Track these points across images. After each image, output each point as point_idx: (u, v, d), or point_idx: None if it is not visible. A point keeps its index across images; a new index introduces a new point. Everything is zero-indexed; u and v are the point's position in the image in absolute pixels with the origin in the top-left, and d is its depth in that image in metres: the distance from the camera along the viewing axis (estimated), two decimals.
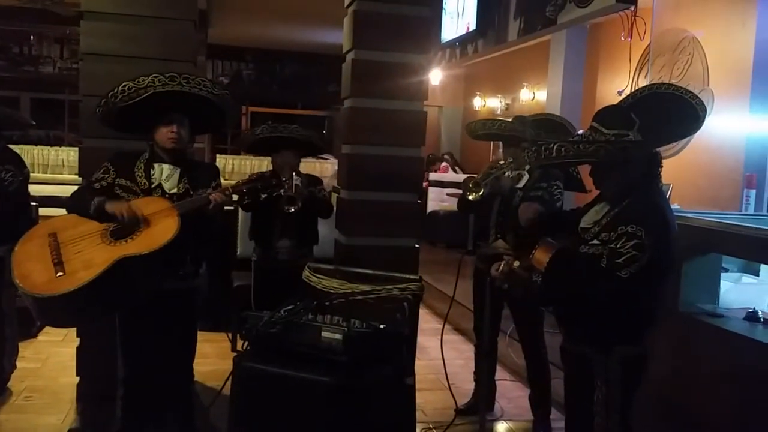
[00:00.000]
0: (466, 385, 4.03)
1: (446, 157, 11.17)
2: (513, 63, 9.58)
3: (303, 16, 9.13)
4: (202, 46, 9.32)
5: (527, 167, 3.53)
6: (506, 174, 3.57)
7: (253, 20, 9.73)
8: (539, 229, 2.58)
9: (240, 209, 4.67)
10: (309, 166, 3.92)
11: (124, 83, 2.80)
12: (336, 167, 9.69)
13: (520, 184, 3.56)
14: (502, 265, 2.51)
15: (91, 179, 2.93)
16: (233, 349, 4.81)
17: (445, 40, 9.05)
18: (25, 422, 3.56)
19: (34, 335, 4.97)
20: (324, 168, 10.20)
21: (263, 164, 10.14)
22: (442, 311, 5.88)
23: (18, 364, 4.08)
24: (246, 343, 2.64)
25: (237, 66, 12.59)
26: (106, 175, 2.89)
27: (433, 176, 10.17)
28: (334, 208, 4.03)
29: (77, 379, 3.59)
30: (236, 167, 10.35)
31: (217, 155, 10.86)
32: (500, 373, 4.19)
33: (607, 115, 2.44)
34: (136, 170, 2.91)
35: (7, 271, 3.79)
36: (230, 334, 4.98)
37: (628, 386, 2.41)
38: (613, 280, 2.23)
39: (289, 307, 2.58)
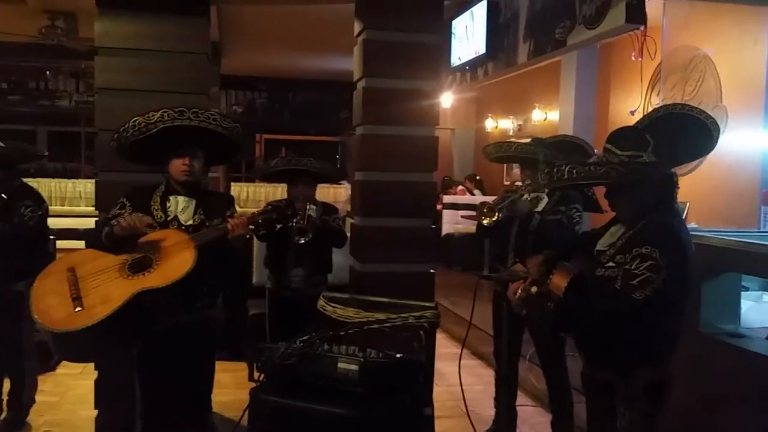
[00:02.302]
0: (486, 412, 3.98)
1: (467, 182, 11.13)
2: (524, 84, 9.60)
3: (314, 44, 9.23)
4: (216, 77, 9.43)
5: (546, 190, 3.51)
6: (524, 197, 3.56)
7: (265, 50, 9.85)
8: (556, 254, 2.55)
9: (255, 238, 4.69)
10: (323, 191, 3.94)
11: (135, 118, 2.84)
12: (349, 192, 9.73)
13: (539, 208, 3.53)
14: (519, 291, 2.50)
15: (107, 216, 2.96)
16: (251, 378, 4.79)
17: (455, 64, 9.10)
18: None
19: (53, 368, 4.98)
20: (338, 193, 10.23)
21: (277, 192, 10.21)
22: (459, 335, 5.84)
23: (37, 397, 4.09)
24: (262, 374, 2.63)
25: (250, 95, 12.73)
26: (122, 211, 2.92)
27: (447, 198, 10.16)
28: (348, 237, 4.03)
29: (96, 412, 3.58)
30: (251, 195, 10.41)
31: (232, 183, 10.94)
32: (521, 399, 4.13)
33: (621, 136, 2.43)
34: (152, 203, 2.94)
35: (26, 305, 3.84)
36: (247, 364, 4.97)
37: (652, 411, 2.37)
38: (628, 302, 2.21)
39: (305, 338, 2.57)
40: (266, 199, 10.57)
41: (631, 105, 6.96)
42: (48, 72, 11.25)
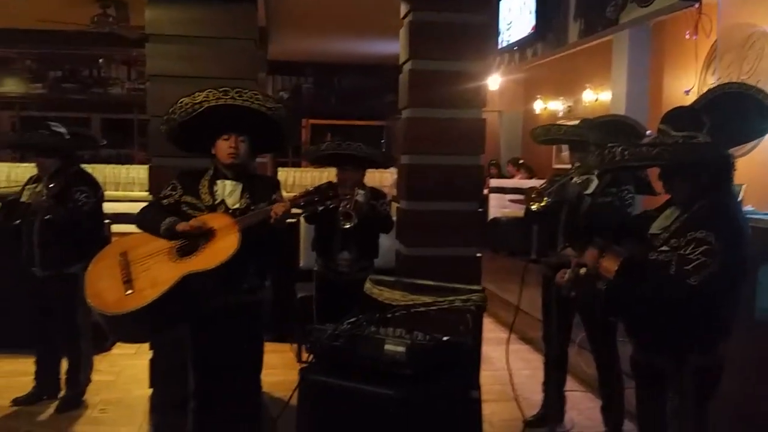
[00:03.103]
0: (534, 396, 3.95)
1: (509, 166, 10.99)
2: (574, 64, 9.39)
3: (360, 28, 9.21)
4: (263, 62, 9.50)
5: (596, 172, 3.45)
6: (573, 180, 3.49)
7: (311, 35, 9.87)
8: (608, 237, 2.51)
9: (302, 220, 4.74)
10: (369, 175, 3.95)
11: (181, 99, 2.91)
12: (395, 176, 9.71)
13: (589, 190, 3.47)
14: (568, 273, 2.46)
15: (159, 196, 3.04)
16: (299, 360, 4.87)
17: (503, 45, 8.96)
18: None
19: (108, 349, 5.15)
20: (383, 177, 10.23)
21: (324, 176, 10.26)
22: (506, 320, 5.80)
23: (93, 377, 4.24)
24: (311, 355, 2.67)
25: (297, 80, 12.79)
26: (174, 193, 2.99)
27: (493, 182, 10.06)
28: (395, 222, 4.03)
29: (150, 391, 3.69)
30: (297, 180, 10.50)
31: (279, 168, 11.05)
32: (570, 384, 4.09)
33: (676, 116, 2.36)
34: (200, 187, 3.00)
35: (81, 288, 3.98)
36: (295, 345, 5.04)
37: (702, 397, 2.32)
38: (682, 287, 2.16)
39: (352, 320, 2.60)
40: (312, 184, 10.64)
41: (686, 84, 6.73)
42: (100, 60, 11.51)
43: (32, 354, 4.19)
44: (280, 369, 4.51)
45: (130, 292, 2.62)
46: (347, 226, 3.69)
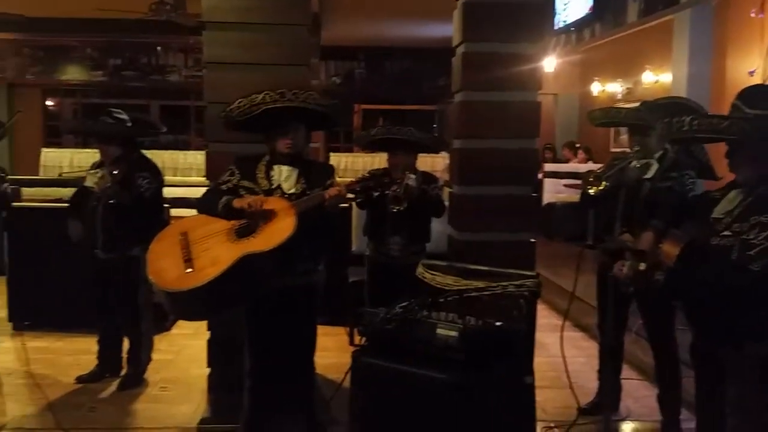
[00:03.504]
0: (589, 384, 3.90)
1: (565, 150, 10.78)
2: (634, 45, 9.13)
3: (412, 11, 9.16)
4: (316, 48, 9.56)
5: (656, 156, 3.35)
6: (632, 164, 3.40)
7: (363, 19, 9.87)
8: (669, 220, 2.44)
9: (354, 205, 4.76)
10: (420, 160, 3.95)
11: (239, 100, 3.00)
12: (447, 161, 9.65)
13: (649, 174, 3.37)
14: (625, 268, 2.41)
15: (218, 181, 3.12)
16: (351, 342, 4.92)
17: (559, 26, 8.78)
18: (160, 411, 3.82)
19: (168, 329, 5.31)
20: (435, 162, 10.19)
21: (375, 161, 10.29)
22: (560, 307, 5.72)
23: (153, 356, 4.38)
24: (363, 338, 2.69)
25: (349, 65, 12.82)
26: (232, 177, 3.07)
27: (548, 167, 9.90)
28: (446, 205, 4.02)
29: (208, 370, 3.78)
30: (349, 164, 10.56)
31: (331, 153, 11.13)
32: (626, 372, 4.02)
33: (752, 94, 2.28)
34: (257, 172, 3.07)
35: (142, 269, 4.11)
36: (348, 328, 5.09)
37: (764, 386, 2.25)
38: (744, 273, 2.09)
39: (404, 304, 2.61)
40: (364, 169, 10.69)
41: (750, 65, 6.47)
42: (158, 48, 11.78)
43: (96, 333, 4.35)
44: (333, 351, 4.56)
45: (190, 270, 2.70)
46: (396, 210, 3.70)
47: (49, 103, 12.46)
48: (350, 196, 3.32)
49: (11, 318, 5.20)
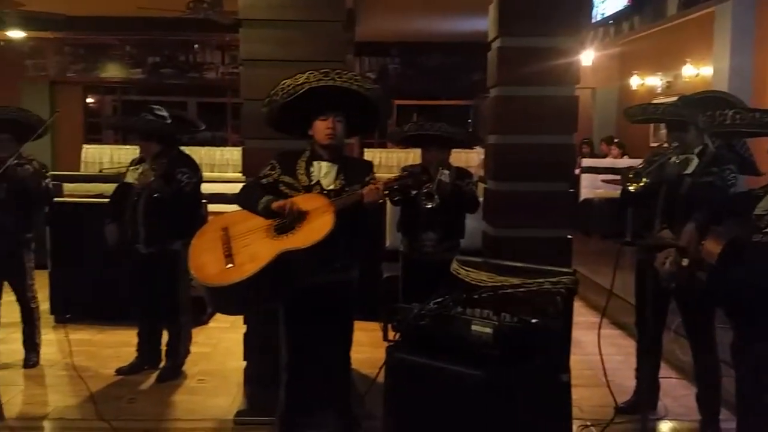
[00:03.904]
0: (626, 383, 3.84)
1: (603, 145, 10.63)
2: (674, 38, 8.94)
3: (446, 6, 9.12)
4: (350, 44, 9.58)
5: (696, 151, 3.28)
6: (672, 159, 3.34)
7: (397, 14, 9.86)
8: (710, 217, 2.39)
9: (388, 201, 4.77)
10: (455, 155, 3.93)
11: (283, 81, 2.99)
12: (482, 156, 9.59)
13: (689, 170, 3.31)
14: (667, 263, 2.37)
15: (258, 176, 3.13)
16: (385, 338, 4.92)
17: (597, 19, 8.65)
18: (198, 404, 3.87)
19: (206, 322, 5.39)
20: (470, 157, 10.14)
21: (409, 157, 10.28)
22: (597, 304, 5.65)
23: (192, 349, 4.45)
24: (397, 334, 2.70)
25: (383, 61, 12.82)
26: (272, 172, 3.09)
27: (586, 162, 9.77)
28: (481, 201, 3.99)
29: (244, 363, 3.83)
30: (383, 160, 10.58)
31: (365, 149, 11.15)
32: (664, 371, 3.95)
33: None
34: (297, 168, 3.08)
35: (181, 263, 4.17)
36: (381, 324, 5.10)
37: None
38: None
39: (438, 300, 2.60)
40: (398, 165, 10.70)
41: None
42: (196, 45, 11.94)
43: (136, 326, 4.43)
44: (367, 347, 4.58)
45: (230, 266, 2.73)
46: (429, 206, 3.69)
47: (89, 100, 12.74)
48: (386, 193, 3.32)
49: (53, 311, 5.33)
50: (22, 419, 3.65)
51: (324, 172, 3.06)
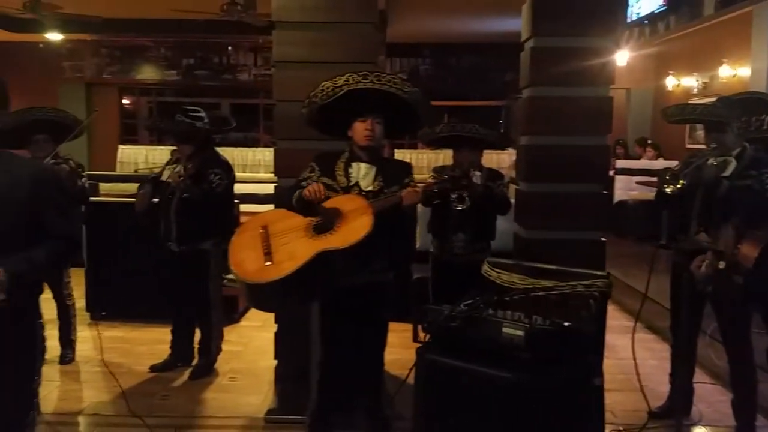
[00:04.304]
0: (660, 387, 3.78)
1: (636, 147, 10.46)
2: (710, 38, 8.77)
3: (478, 6, 9.07)
4: (382, 45, 9.59)
5: (734, 153, 3.22)
6: (710, 161, 3.28)
7: (429, 15, 9.84)
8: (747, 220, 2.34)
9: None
10: (486, 156, 3.91)
11: (323, 83, 3.01)
12: (513, 158, 9.52)
13: (727, 173, 3.24)
14: (703, 266, 2.32)
15: (299, 178, 3.15)
16: (415, 339, 4.91)
17: (632, 19, 8.52)
18: (229, 401, 3.91)
19: (237, 321, 5.44)
20: (501, 159, 10.08)
21: (439, 158, 10.27)
22: (631, 308, 5.58)
23: (223, 347, 4.49)
24: (427, 335, 2.69)
25: (414, 62, 12.80)
26: (312, 174, 3.11)
27: (620, 163, 9.63)
28: (512, 203, 3.96)
29: (275, 362, 3.86)
30: (414, 161, 10.57)
31: (395, 150, 11.14)
32: (699, 376, 3.88)
33: None
34: (336, 169, 3.09)
35: (212, 263, 4.22)
36: (411, 325, 5.09)
37: None
38: None
39: (469, 302, 2.59)
40: (428, 165, 10.68)
41: None
42: (229, 47, 12.06)
43: (169, 324, 4.49)
44: (396, 347, 4.55)
45: (269, 263, 2.76)
46: (460, 208, 3.68)
47: (125, 101, 12.95)
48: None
49: (88, 308, 5.42)
50: (57, 414, 3.73)
51: (363, 173, 3.08)
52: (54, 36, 10.56)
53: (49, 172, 2.50)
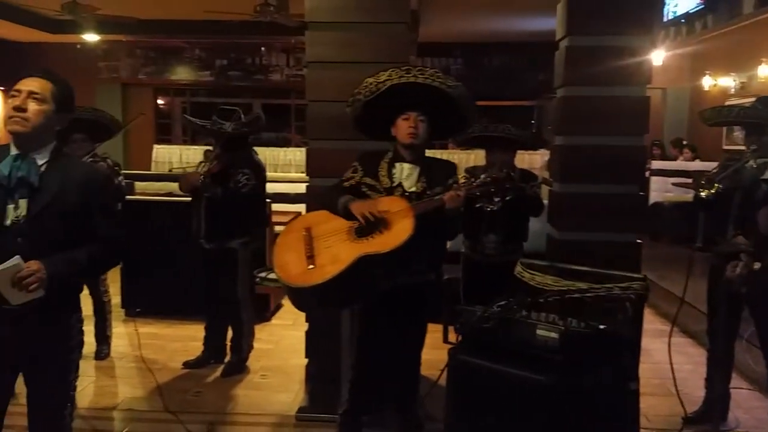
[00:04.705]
0: (695, 392, 3.71)
1: (672, 148, 10.29)
2: (749, 37, 8.58)
3: (511, 6, 9.01)
4: (414, 45, 9.57)
5: None
6: (749, 164, 3.20)
7: (461, 15, 9.79)
8: None
9: None
10: (518, 157, 3.88)
11: (366, 79, 3.01)
12: (546, 158, 9.43)
13: (766, 175, 3.17)
14: (739, 267, 2.27)
15: (341, 179, 3.14)
16: (445, 340, 4.90)
17: (669, 18, 8.39)
18: (260, 398, 3.94)
19: (269, 319, 5.48)
20: (533, 159, 9.99)
21: (470, 158, 10.21)
22: (666, 311, 5.48)
23: (255, 345, 4.52)
24: (458, 336, 2.67)
25: (446, 62, 12.74)
26: (354, 175, 3.10)
27: (656, 164, 9.48)
28: (545, 205, 3.92)
29: (306, 360, 3.88)
30: None
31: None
32: (736, 381, 3.80)
33: None
34: (380, 169, 3.07)
35: (240, 262, 4.23)
36: (442, 326, 5.06)
37: None
38: None
39: (502, 303, 2.56)
40: (459, 165, 10.61)
41: None
42: (262, 48, 12.15)
43: (202, 321, 4.54)
44: (427, 348, 4.52)
45: (312, 267, 2.76)
46: (490, 209, 3.65)
47: (159, 101, 13.13)
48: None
49: (123, 305, 5.51)
50: (92, 409, 3.80)
51: (406, 173, 3.04)
52: (91, 37, 10.76)
53: (101, 176, 2.52)
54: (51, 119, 2.23)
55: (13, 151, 2.22)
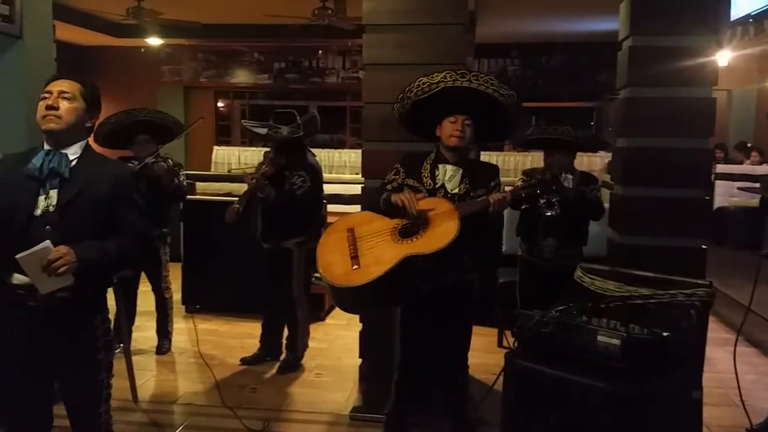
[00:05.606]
0: (759, 403, 3.58)
1: (736, 152, 9.93)
2: None
3: (571, 5, 8.85)
4: (471, 46, 9.51)
5: None
6: None
7: (519, 15, 9.68)
8: None
9: None
10: (577, 159, 3.82)
11: (420, 78, 3.01)
12: (606, 161, 9.23)
13: None
14: None
15: (384, 180, 3.16)
16: (500, 344, 4.85)
17: (736, 17, 8.10)
18: (315, 397, 3.99)
19: (323, 319, 5.54)
20: (592, 161, 9.80)
21: (527, 160, 10.10)
22: (730, 319, 5.30)
23: (310, 343, 4.57)
24: (515, 340, 2.64)
25: (503, 63, 12.61)
26: (397, 176, 3.11)
27: (720, 168, 9.17)
28: (606, 209, 3.84)
29: (360, 360, 3.89)
30: (500, 163, 10.42)
31: (482, 152, 11.00)
32: None
33: None
34: (422, 171, 3.07)
35: (295, 262, 4.29)
36: (497, 330, 5.02)
37: None
38: None
39: (561, 308, 2.52)
40: (515, 168, 10.52)
41: None
42: (319, 51, 12.28)
43: (259, 318, 4.62)
44: (480, 352, 4.51)
45: (356, 267, 2.77)
46: (549, 214, 3.60)
47: (219, 104, 13.42)
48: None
49: (184, 301, 5.65)
50: (153, 402, 3.91)
51: (449, 175, 3.04)
52: (154, 41, 11.08)
53: (128, 173, 2.59)
54: (82, 117, 2.31)
55: (46, 147, 2.29)
